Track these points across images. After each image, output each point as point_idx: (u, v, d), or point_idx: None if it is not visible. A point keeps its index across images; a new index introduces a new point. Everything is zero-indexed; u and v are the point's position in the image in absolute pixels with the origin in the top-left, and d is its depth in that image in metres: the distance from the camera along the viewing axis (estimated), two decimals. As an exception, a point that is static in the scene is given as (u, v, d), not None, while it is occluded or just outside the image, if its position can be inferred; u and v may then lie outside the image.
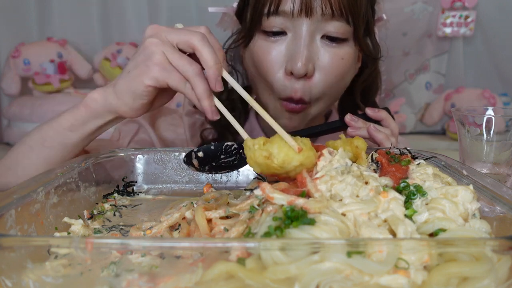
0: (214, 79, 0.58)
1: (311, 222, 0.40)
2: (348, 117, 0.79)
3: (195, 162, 0.63)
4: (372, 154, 0.56)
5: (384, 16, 0.94)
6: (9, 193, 0.49)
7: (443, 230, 0.42)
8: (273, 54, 0.81)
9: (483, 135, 0.70)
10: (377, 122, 0.82)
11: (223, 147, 0.62)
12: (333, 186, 0.46)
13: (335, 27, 0.79)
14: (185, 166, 0.70)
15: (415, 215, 0.45)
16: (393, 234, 0.41)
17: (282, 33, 0.80)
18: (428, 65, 1.99)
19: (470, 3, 1.85)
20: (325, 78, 0.81)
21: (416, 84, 2.01)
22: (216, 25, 0.95)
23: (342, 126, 0.81)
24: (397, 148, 0.65)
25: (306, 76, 0.80)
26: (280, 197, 0.44)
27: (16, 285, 0.39)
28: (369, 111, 0.82)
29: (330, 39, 0.80)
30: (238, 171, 0.71)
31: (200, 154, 0.63)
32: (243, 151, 0.58)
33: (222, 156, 0.63)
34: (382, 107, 0.89)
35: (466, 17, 1.87)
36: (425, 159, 0.61)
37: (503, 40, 1.89)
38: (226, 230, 0.49)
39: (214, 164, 0.63)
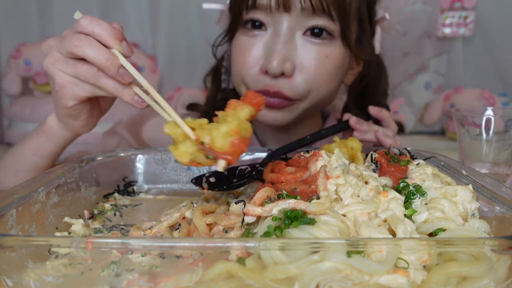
0: (114, 75, 0.54)
1: (311, 222, 0.40)
2: (353, 120, 0.77)
3: (205, 185, 0.62)
4: (372, 154, 0.56)
5: (387, 16, 0.89)
6: (10, 193, 0.49)
7: (443, 230, 0.43)
8: (251, 49, 0.78)
9: (482, 135, 0.70)
10: (374, 119, 0.81)
11: (237, 171, 0.61)
12: (339, 187, 0.46)
13: (316, 24, 0.75)
14: (185, 166, 0.70)
15: (414, 215, 0.45)
16: (393, 233, 0.41)
17: (262, 28, 0.78)
18: (428, 65, 2.00)
19: (469, 3, 1.85)
20: (307, 77, 0.77)
21: (416, 84, 2.01)
22: (216, 23, 0.95)
23: (347, 128, 0.79)
24: (396, 148, 0.65)
25: (284, 75, 0.76)
26: (279, 207, 0.43)
27: (17, 285, 0.40)
28: (372, 110, 0.80)
29: (313, 34, 0.76)
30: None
31: (212, 179, 0.61)
32: (255, 172, 0.61)
33: (234, 180, 0.62)
34: (382, 103, 0.88)
35: (465, 17, 1.87)
36: (425, 159, 0.61)
37: (502, 40, 1.90)
38: (225, 231, 0.49)
39: (225, 187, 0.62)
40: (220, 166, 0.49)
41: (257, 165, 0.63)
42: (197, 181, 0.62)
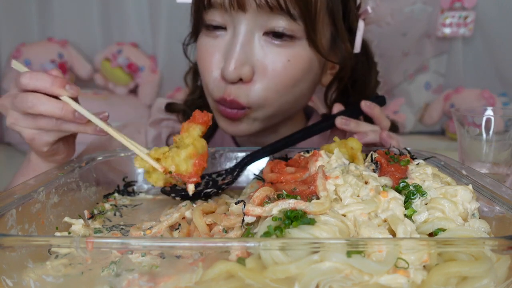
0: (71, 120, 0.59)
1: (311, 222, 0.40)
2: (339, 122, 0.72)
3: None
4: (372, 154, 0.56)
5: (369, 9, 0.79)
6: (10, 193, 0.49)
7: (443, 230, 0.43)
8: (212, 51, 0.73)
9: (482, 135, 0.70)
10: (363, 114, 0.76)
11: (202, 194, 0.62)
12: (338, 187, 0.46)
13: (276, 24, 0.69)
14: None
15: (414, 215, 0.45)
16: (393, 233, 0.41)
17: (223, 28, 0.73)
18: (428, 65, 2.00)
19: (469, 3, 1.85)
20: (267, 82, 0.72)
21: (416, 84, 2.02)
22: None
23: (333, 126, 0.75)
24: (396, 148, 0.65)
25: (243, 81, 0.71)
26: (279, 208, 0.43)
27: (17, 285, 0.40)
28: (364, 106, 0.75)
29: (274, 35, 0.70)
30: (245, 169, 0.71)
31: (178, 199, 0.63)
32: (221, 191, 0.63)
33: (203, 199, 0.63)
34: (379, 95, 0.83)
35: (465, 17, 1.87)
36: (425, 159, 0.61)
37: (502, 40, 1.90)
38: (225, 231, 0.49)
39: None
40: (190, 190, 0.57)
41: (223, 186, 0.64)
42: (165, 192, 0.65)
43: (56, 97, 0.59)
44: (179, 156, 0.56)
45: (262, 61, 0.71)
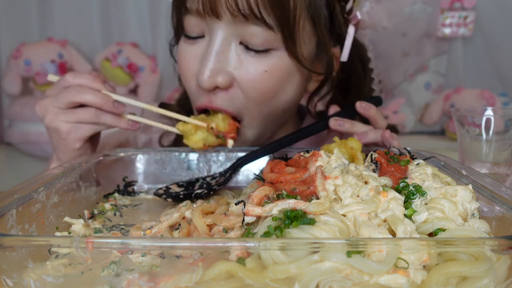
0: (111, 109, 0.67)
1: (311, 222, 0.40)
2: (332, 123, 0.72)
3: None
4: (371, 154, 0.56)
5: (358, 15, 0.76)
6: (10, 193, 0.49)
7: (443, 230, 0.43)
8: (188, 58, 0.73)
9: (482, 135, 0.70)
10: (359, 114, 0.76)
11: (193, 195, 0.63)
12: (338, 187, 0.46)
13: (252, 33, 0.67)
14: (185, 166, 0.73)
15: (414, 215, 0.45)
16: (393, 233, 0.41)
17: (201, 36, 0.72)
18: (428, 65, 2.00)
19: (469, 3, 1.85)
20: (246, 92, 0.70)
21: (416, 84, 2.01)
22: None
23: (327, 127, 0.74)
24: (396, 148, 0.65)
25: (220, 88, 0.70)
26: (279, 208, 0.43)
27: (17, 285, 0.40)
28: (359, 107, 0.73)
29: (250, 45, 0.69)
30: (238, 171, 0.71)
31: (169, 200, 0.64)
32: (213, 192, 0.64)
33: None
34: (375, 96, 0.82)
35: (465, 17, 1.87)
36: (425, 159, 0.61)
37: (502, 40, 1.90)
38: (225, 231, 0.49)
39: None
40: (230, 144, 0.70)
41: (214, 187, 0.64)
42: (158, 195, 0.65)
43: None
44: (217, 118, 0.69)
45: (238, 70, 0.69)
